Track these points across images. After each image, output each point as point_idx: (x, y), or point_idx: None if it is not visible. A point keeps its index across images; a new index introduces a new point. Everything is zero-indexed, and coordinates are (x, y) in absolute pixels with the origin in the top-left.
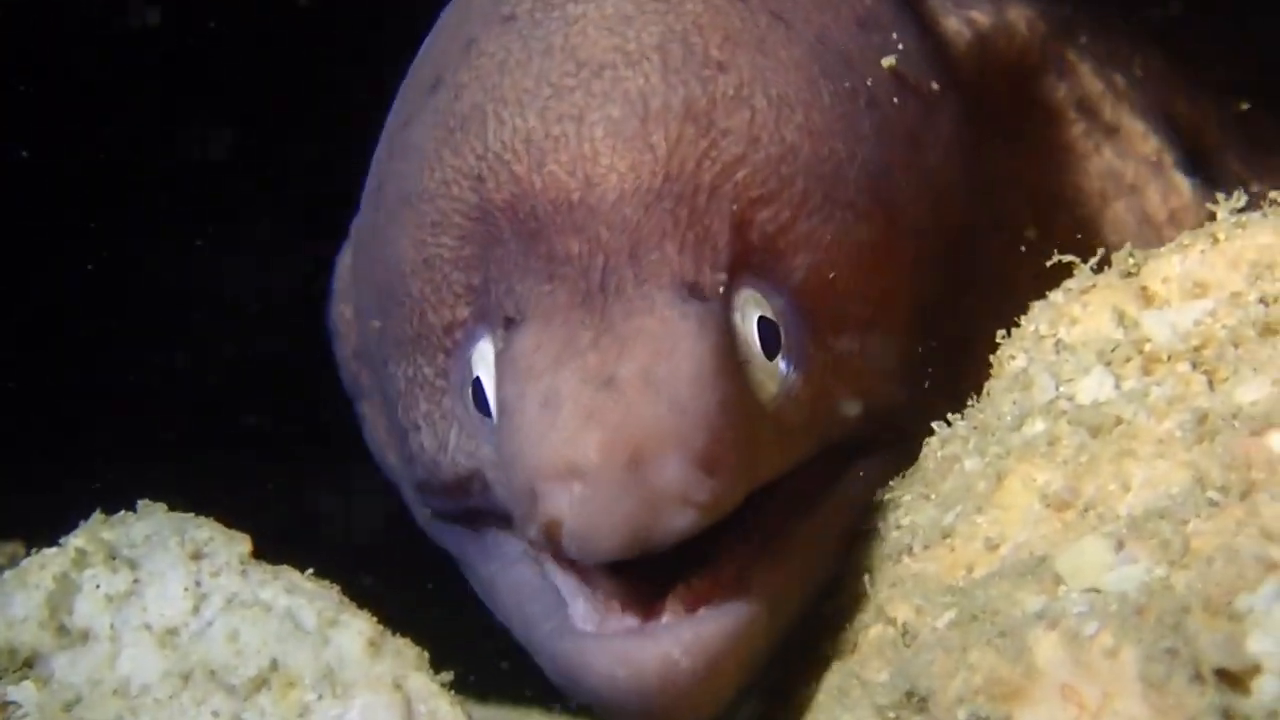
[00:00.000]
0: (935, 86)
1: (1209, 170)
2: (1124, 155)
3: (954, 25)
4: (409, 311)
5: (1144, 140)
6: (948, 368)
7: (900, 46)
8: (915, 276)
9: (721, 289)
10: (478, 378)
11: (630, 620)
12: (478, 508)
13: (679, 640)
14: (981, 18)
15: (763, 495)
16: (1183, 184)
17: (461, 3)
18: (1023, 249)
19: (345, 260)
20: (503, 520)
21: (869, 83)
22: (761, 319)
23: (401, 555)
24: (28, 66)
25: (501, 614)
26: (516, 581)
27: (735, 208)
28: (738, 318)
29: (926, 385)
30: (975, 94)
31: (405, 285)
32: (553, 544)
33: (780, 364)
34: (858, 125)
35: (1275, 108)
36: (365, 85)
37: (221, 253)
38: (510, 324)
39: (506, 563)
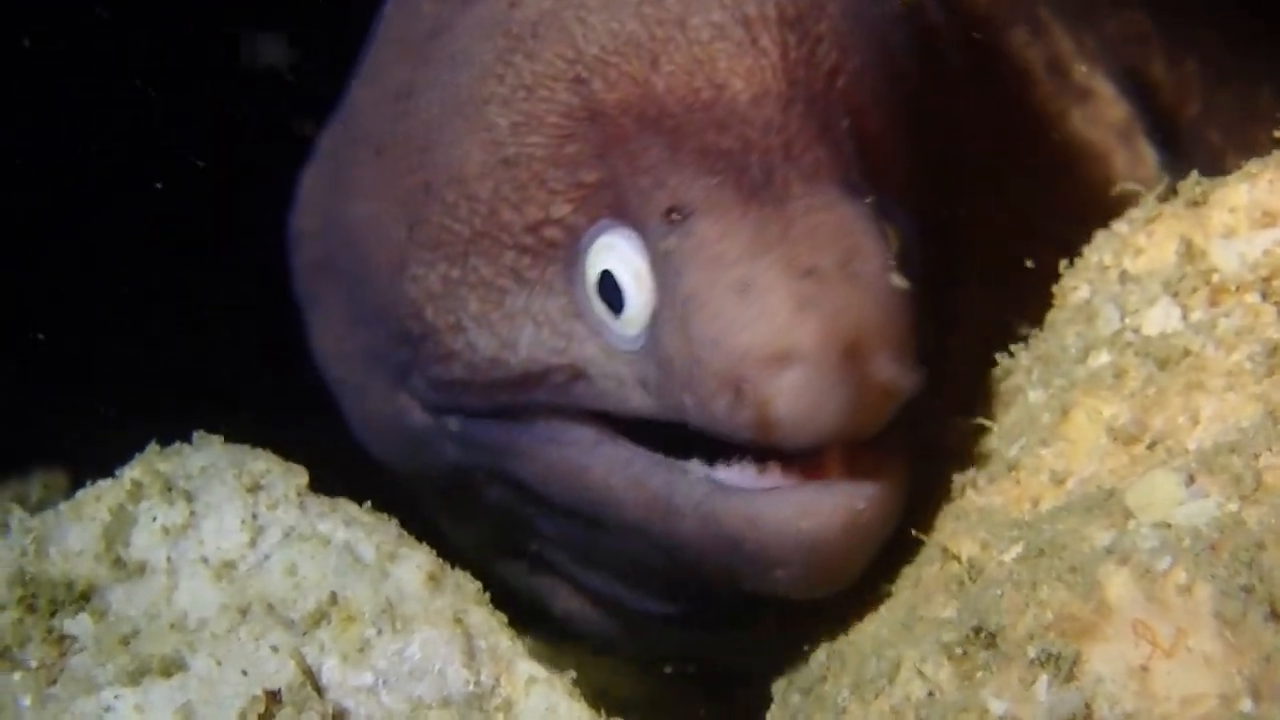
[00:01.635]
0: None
1: (1182, 141)
2: (1092, 121)
3: None
4: (466, 213)
5: (1113, 105)
6: None
7: None
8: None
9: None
10: (606, 271)
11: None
12: (540, 401)
13: (863, 494)
14: None
15: None
16: (1149, 155)
17: None
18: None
19: (314, 173)
20: (567, 412)
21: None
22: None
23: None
24: None
25: (591, 494)
26: (615, 460)
27: (846, 113)
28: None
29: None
30: (943, 46)
31: (464, 187)
32: (760, 428)
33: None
34: (891, 34)
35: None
36: None
37: None
38: (674, 216)
39: (586, 447)
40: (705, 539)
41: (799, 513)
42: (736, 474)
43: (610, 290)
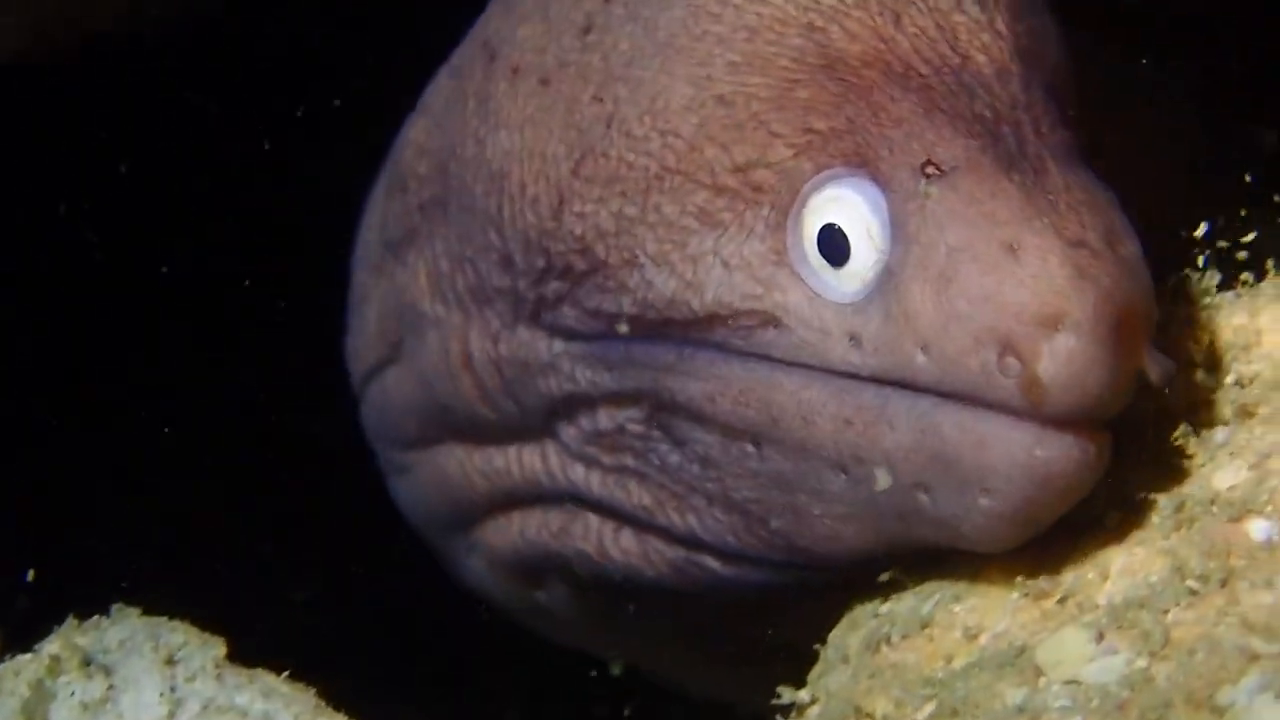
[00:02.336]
0: None
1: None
2: None
3: None
4: (658, 147)
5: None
6: None
7: None
8: None
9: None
10: (831, 224)
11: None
12: (717, 341)
13: (1092, 444)
14: None
15: None
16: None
17: None
18: None
19: (423, 122)
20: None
21: None
22: None
23: None
24: None
25: (774, 409)
26: (812, 376)
27: (1060, 98)
28: None
29: None
30: None
31: (661, 121)
32: (1025, 388)
33: None
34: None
35: None
36: None
37: None
38: (931, 170)
39: (776, 365)
40: (916, 452)
41: (1035, 439)
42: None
43: (832, 243)
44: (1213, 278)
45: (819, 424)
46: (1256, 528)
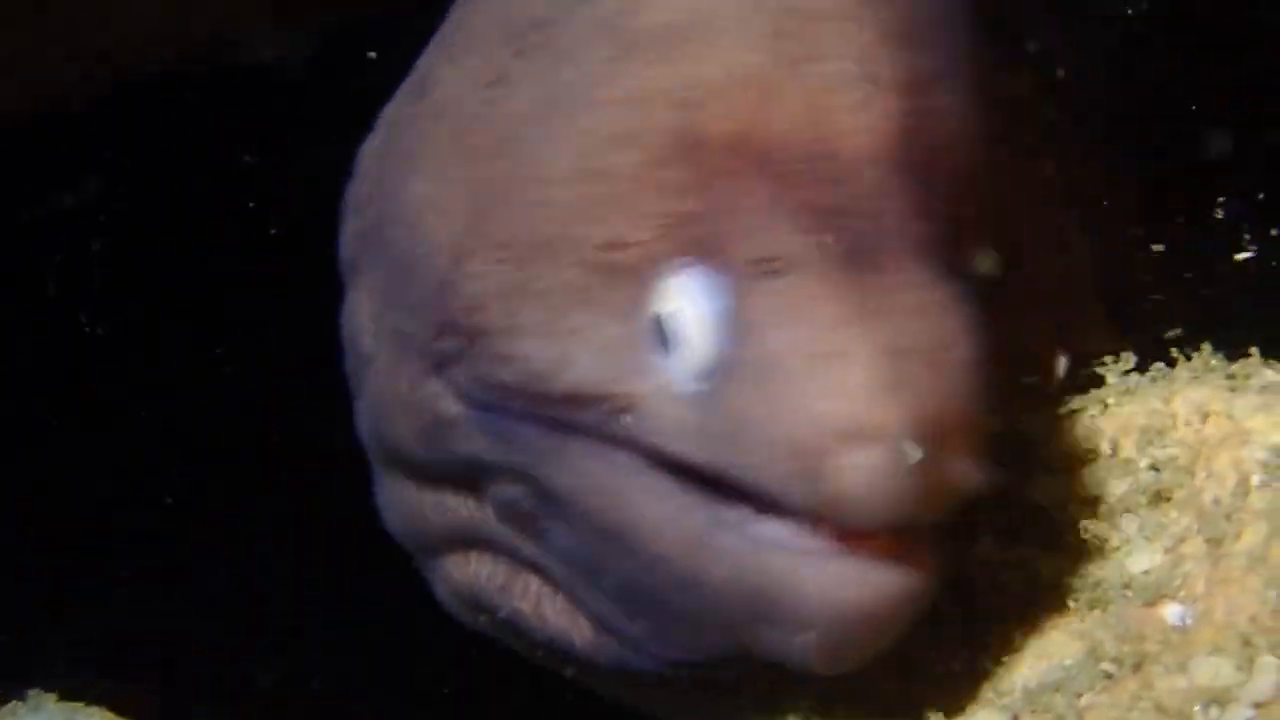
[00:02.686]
0: None
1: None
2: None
3: None
4: (541, 217)
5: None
6: None
7: None
8: None
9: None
10: (675, 311)
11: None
12: (586, 423)
13: (904, 577)
14: None
15: None
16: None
17: None
18: None
19: (374, 144)
20: (611, 439)
21: None
22: None
23: None
24: None
25: (623, 519)
26: (655, 491)
27: (952, 192)
28: None
29: None
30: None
31: (545, 190)
32: (822, 504)
33: None
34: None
35: None
36: None
37: None
38: (766, 266)
39: (627, 472)
40: (738, 588)
41: (841, 579)
42: (777, 527)
43: (677, 333)
44: (1129, 361)
45: (665, 540)
46: (1170, 612)
